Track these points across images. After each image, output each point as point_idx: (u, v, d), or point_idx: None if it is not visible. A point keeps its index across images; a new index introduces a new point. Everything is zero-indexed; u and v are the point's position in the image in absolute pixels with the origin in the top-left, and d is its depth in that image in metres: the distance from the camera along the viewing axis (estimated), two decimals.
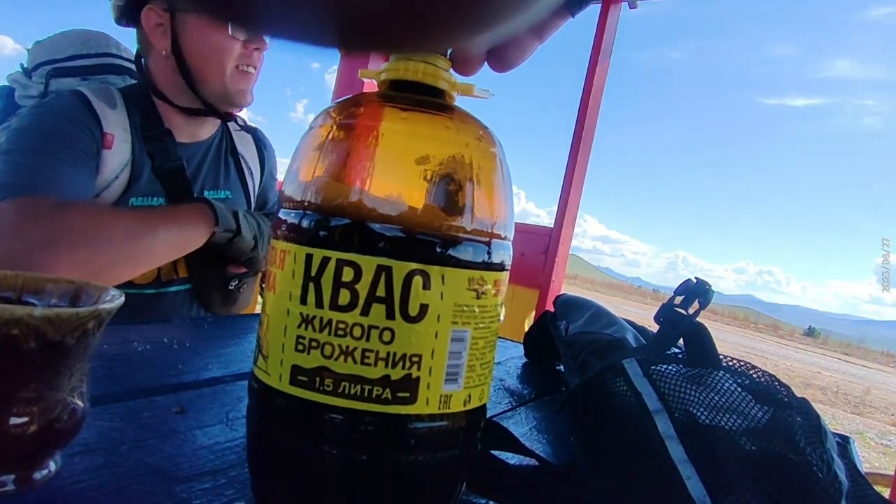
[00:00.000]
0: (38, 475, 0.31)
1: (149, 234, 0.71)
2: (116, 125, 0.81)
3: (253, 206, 0.99)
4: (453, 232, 0.28)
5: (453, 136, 0.29)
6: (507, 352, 0.82)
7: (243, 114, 0.99)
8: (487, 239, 0.29)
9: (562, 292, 0.92)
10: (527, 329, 0.83)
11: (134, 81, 0.93)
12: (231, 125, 0.98)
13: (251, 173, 0.99)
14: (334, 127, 0.29)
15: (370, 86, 1.62)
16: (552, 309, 0.80)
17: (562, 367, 0.77)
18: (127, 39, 0.96)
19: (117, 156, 0.80)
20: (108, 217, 0.70)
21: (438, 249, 0.27)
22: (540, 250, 1.86)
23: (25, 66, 0.94)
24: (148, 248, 0.71)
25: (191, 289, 0.88)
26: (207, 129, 0.92)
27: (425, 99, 0.31)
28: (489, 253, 0.29)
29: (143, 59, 0.87)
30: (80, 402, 0.33)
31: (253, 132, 1.02)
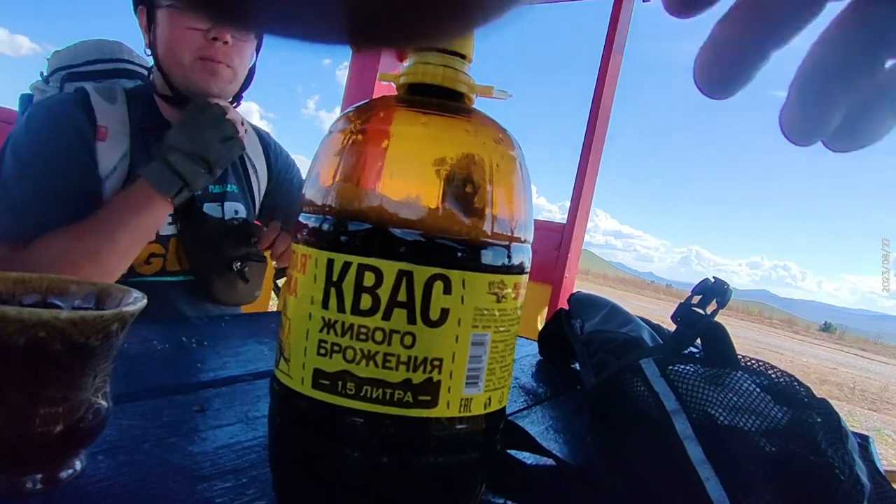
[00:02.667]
0: (63, 474, 0.32)
1: (108, 234, 0.75)
2: (113, 119, 0.83)
3: (258, 204, 1.00)
4: (474, 236, 0.28)
5: (473, 139, 0.29)
6: (520, 349, 0.82)
7: (254, 109, 1.00)
8: (507, 242, 0.29)
9: (575, 289, 0.91)
10: (539, 325, 0.83)
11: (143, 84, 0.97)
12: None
13: (255, 172, 1.01)
14: (354, 131, 0.29)
15: (382, 84, 1.62)
16: (566, 306, 0.80)
17: (577, 366, 0.77)
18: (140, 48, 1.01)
19: (113, 148, 0.82)
20: (65, 241, 0.74)
21: (459, 254, 0.27)
22: (552, 246, 1.85)
23: (44, 73, 0.98)
24: (114, 245, 0.75)
25: (192, 280, 0.88)
26: None
27: (444, 102, 0.31)
28: (509, 256, 0.29)
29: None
30: (103, 402, 0.33)
31: (259, 133, 1.04)
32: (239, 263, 0.88)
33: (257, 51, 0.92)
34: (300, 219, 0.30)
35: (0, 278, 0.35)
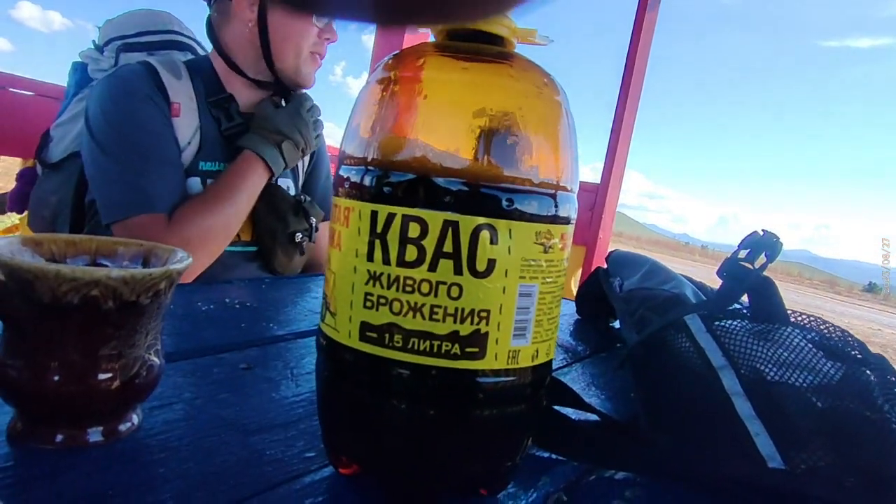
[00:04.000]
0: (122, 427, 0.33)
1: (234, 206, 0.84)
2: (182, 94, 0.86)
3: (301, 180, 1.02)
4: (519, 185, 0.27)
5: (516, 85, 0.28)
6: None
7: None
8: (553, 191, 0.28)
9: (611, 249, 0.90)
10: (574, 287, 0.82)
11: (194, 57, 1.00)
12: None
13: None
14: (393, 81, 0.28)
15: (410, 41, 1.59)
16: (603, 265, 0.78)
17: (616, 324, 0.76)
18: (188, 18, 1.03)
19: (186, 123, 0.85)
20: (202, 217, 0.81)
21: (505, 203, 0.26)
22: (586, 207, 1.82)
23: (97, 42, 1.00)
24: (238, 216, 0.85)
25: (253, 251, 0.92)
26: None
27: (485, 47, 0.29)
28: (556, 206, 0.28)
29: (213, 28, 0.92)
30: (156, 359, 0.34)
31: None
32: (300, 236, 0.92)
33: None
34: (341, 172, 0.30)
35: (52, 240, 0.36)
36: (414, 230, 0.26)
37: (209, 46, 0.93)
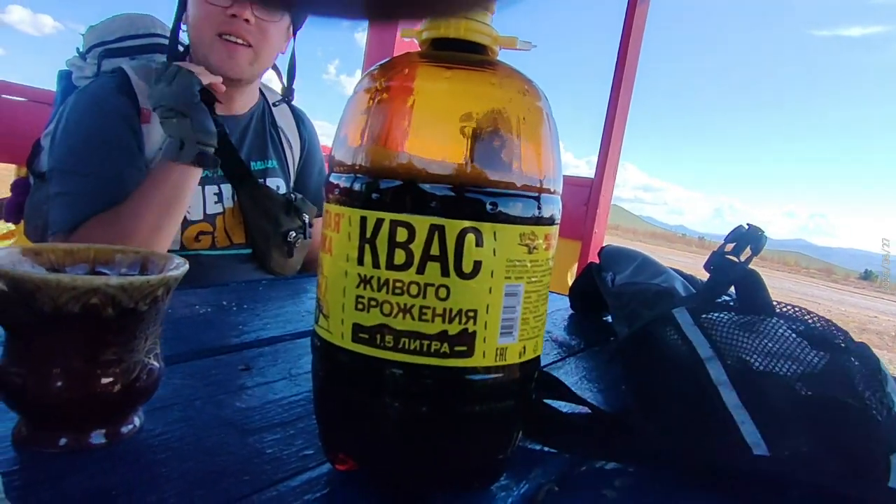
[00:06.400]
0: (125, 429, 0.34)
1: (135, 219, 0.78)
2: None
3: (292, 178, 1.02)
4: (503, 188, 0.28)
5: (498, 91, 0.29)
6: (552, 304, 0.83)
7: (275, 78, 1.02)
8: (537, 194, 0.29)
9: (605, 243, 0.91)
10: (569, 281, 0.84)
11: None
12: (270, 100, 1.02)
13: (290, 146, 1.03)
14: (378, 90, 0.29)
15: (402, 42, 1.60)
16: (597, 260, 0.80)
17: (609, 318, 0.77)
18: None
19: (157, 129, 0.84)
20: (98, 227, 0.78)
21: (489, 206, 0.27)
22: (581, 201, 1.83)
23: (80, 49, 1.00)
24: (142, 228, 0.78)
25: (247, 253, 0.92)
26: (241, 102, 0.96)
27: (468, 56, 0.30)
28: (539, 208, 0.29)
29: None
30: (155, 363, 0.35)
31: (291, 107, 1.06)
32: (293, 234, 0.92)
33: (294, 36, 0.92)
34: (331, 179, 0.31)
35: (50, 249, 0.37)
36: (402, 234, 0.27)
37: None
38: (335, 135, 0.31)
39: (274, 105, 1.02)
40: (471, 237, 0.27)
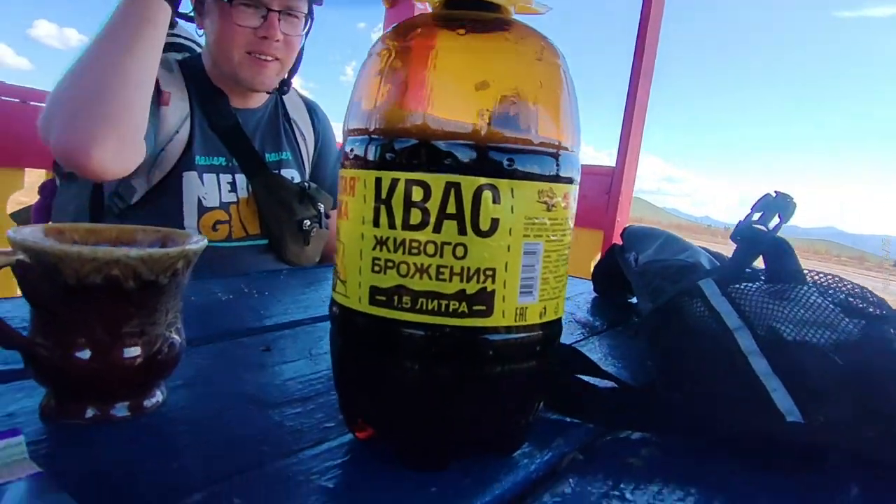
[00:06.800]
0: (148, 403, 0.34)
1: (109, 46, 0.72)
2: (173, 85, 0.87)
3: (307, 170, 1.03)
4: (520, 145, 0.27)
5: (514, 49, 0.28)
6: (574, 288, 0.82)
7: (295, 82, 1.02)
8: (555, 150, 0.28)
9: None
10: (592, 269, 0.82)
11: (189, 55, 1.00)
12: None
13: (304, 138, 1.04)
14: (393, 52, 0.29)
15: None
16: (620, 242, 0.78)
17: (633, 300, 0.76)
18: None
19: (175, 112, 0.86)
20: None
21: (506, 163, 0.27)
22: (602, 191, 1.81)
23: None
24: (130, 57, 0.72)
25: (264, 244, 0.93)
26: (258, 96, 0.97)
27: (483, 14, 0.30)
28: (557, 165, 0.28)
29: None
30: (177, 337, 0.35)
31: (304, 100, 1.07)
32: (308, 223, 0.92)
33: (306, 34, 0.93)
34: (345, 147, 0.30)
35: (73, 229, 0.37)
36: (417, 194, 0.27)
37: None
38: (349, 101, 0.31)
39: (287, 99, 1.03)
40: (487, 194, 0.26)
